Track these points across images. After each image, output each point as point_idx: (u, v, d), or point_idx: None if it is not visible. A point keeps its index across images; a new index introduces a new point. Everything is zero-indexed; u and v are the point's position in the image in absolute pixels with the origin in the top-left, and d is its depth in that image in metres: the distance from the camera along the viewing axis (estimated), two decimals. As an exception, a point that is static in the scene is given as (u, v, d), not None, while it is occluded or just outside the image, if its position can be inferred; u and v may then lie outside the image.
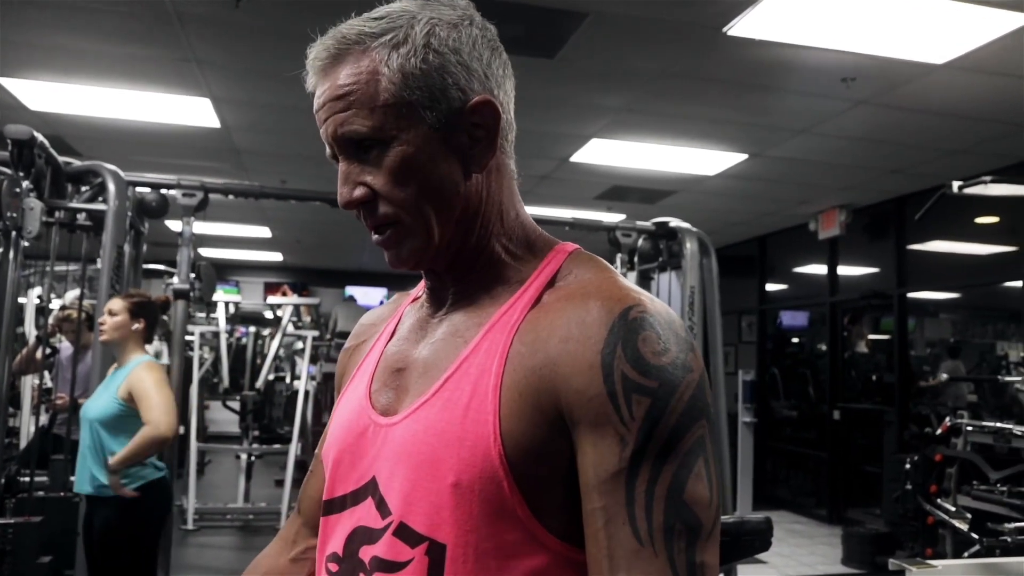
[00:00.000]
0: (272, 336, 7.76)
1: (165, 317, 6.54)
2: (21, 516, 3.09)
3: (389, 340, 0.87)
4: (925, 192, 5.95)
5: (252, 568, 0.95)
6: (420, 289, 0.89)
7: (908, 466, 4.54)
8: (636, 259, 4.69)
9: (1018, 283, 5.79)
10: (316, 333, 7.60)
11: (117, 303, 2.96)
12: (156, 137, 5.29)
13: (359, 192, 0.76)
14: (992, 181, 3.35)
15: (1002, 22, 3.27)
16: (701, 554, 0.66)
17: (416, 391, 0.77)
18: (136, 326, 2.96)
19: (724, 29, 3.44)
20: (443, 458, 0.70)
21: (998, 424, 4.41)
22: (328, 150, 0.79)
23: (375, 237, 0.79)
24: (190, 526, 5.84)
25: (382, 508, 0.74)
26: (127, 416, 2.87)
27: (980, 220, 6.08)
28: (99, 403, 2.94)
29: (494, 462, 0.69)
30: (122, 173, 3.48)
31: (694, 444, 0.67)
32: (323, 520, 0.82)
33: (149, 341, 3.12)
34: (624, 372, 0.67)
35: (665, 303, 0.75)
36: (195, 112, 4.76)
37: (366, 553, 0.74)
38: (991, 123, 4.49)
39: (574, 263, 0.80)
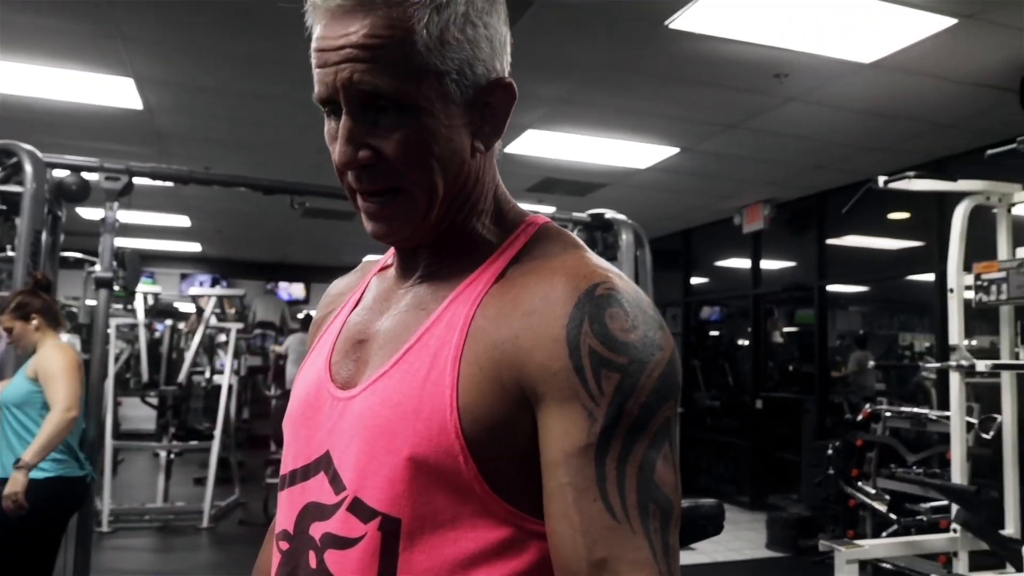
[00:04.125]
0: (190, 329, 7.48)
1: (71, 303, 6.17)
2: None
3: (353, 310, 0.83)
4: (846, 188, 6.19)
5: (258, 568, 0.92)
6: (389, 257, 0.86)
7: (831, 452, 4.72)
8: (573, 250, 4.69)
9: (925, 276, 6.09)
10: (241, 325, 7.35)
11: (6, 320, 3.00)
12: (72, 118, 4.99)
13: (364, 154, 0.70)
14: (915, 176, 3.49)
15: (927, 24, 3.42)
16: (672, 537, 0.64)
17: (376, 363, 0.74)
18: (34, 322, 3.01)
19: (666, 22, 3.48)
20: (399, 431, 0.67)
21: (915, 409, 4.63)
22: (322, 91, 0.71)
23: (366, 204, 0.74)
24: (105, 528, 5.56)
25: (336, 483, 0.71)
26: (36, 394, 2.93)
27: (892, 216, 6.38)
28: (12, 386, 2.99)
29: (450, 435, 0.66)
30: (39, 154, 3.28)
31: (662, 425, 0.65)
32: (279, 495, 0.79)
33: (58, 323, 3.11)
34: (591, 347, 0.64)
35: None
36: (116, 92, 4.51)
37: (317, 530, 0.71)
38: (910, 121, 4.70)
39: (542, 238, 0.77)
